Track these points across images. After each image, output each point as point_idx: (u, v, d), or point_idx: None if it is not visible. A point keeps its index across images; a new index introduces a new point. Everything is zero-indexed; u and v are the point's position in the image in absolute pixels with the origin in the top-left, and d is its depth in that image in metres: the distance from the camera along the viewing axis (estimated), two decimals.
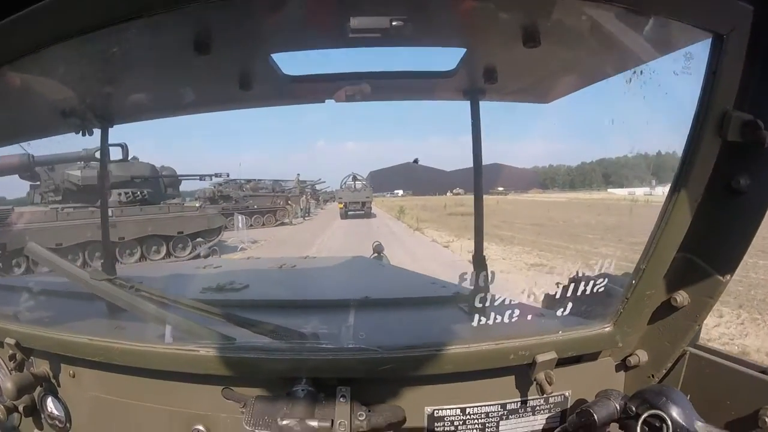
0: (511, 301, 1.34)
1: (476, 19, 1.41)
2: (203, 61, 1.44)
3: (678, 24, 1.11)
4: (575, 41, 1.44)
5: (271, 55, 1.69)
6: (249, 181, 26.54)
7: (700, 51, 1.14)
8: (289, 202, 24.45)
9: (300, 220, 23.72)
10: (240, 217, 19.28)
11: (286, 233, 19.80)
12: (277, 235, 18.95)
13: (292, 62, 1.77)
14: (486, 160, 2.15)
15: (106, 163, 2.15)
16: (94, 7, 1.00)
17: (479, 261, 2.13)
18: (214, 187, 23.18)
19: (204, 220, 17.00)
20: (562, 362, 1.32)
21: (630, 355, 1.41)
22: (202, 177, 18.06)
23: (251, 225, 22.27)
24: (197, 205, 18.39)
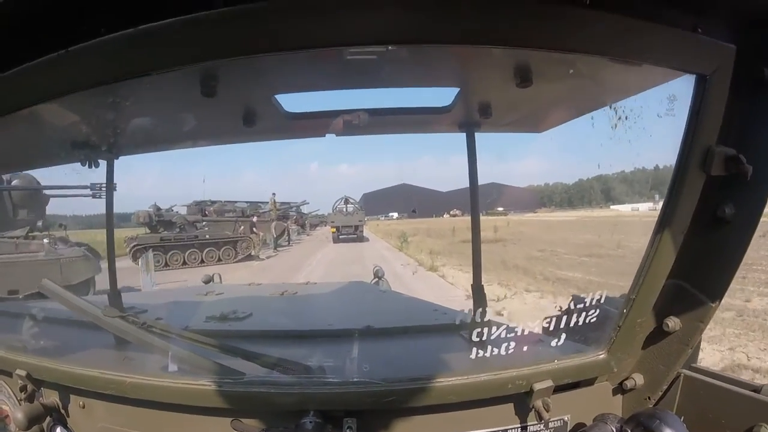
0: (509, 331, 1.41)
1: (468, 63, 1.54)
2: (209, 102, 1.53)
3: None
4: (566, 80, 1.53)
5: (274, 96, 1.81)
6: (214, 202, 20.96)
7: (683, 86, 1.23)
8: (255, 229, 19.30)
9: (271, 251, 19.07)
10: (148, 256, 12.98)
11: (238, 278, 13.13)
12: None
13: (293, 100, 1.90)
14: (481, 180, 2.26)
15: (112, 195, 2.24)
16: (104, 63, 1.10)
17: (478, 291, 2.22)
18: (153, 210, 18.55)
19: (55, 268, 10.32)
20: (560, 388, 1.40)
21: (626, 379, 1.49)
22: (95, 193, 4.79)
23: (202, 261, 17.86)
24: (45, 242, 11.15)
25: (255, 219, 20.01)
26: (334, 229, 20.03)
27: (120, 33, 1.04)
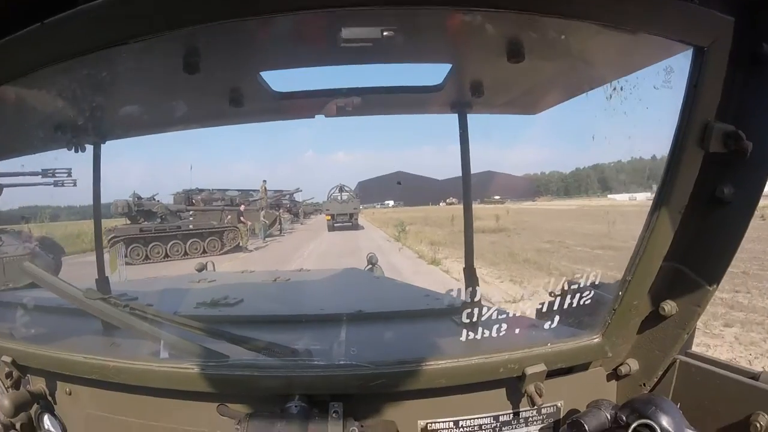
0: (501, 314, 1.39)
1: (460, 36, 1.48)
2: (193, 79, 1.49)
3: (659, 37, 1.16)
4: (560, 55, 1.51)
5: (260, 73, 1.76)
6: (201, 191, 18.94)
7: (680, 62, 1.19)
8: (242, 219, 17.52)
9: (261, 242, 17.52)
10: (117, 250, 10.93)
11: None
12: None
13: (282, 79, 1.85)
14: (477, 168, 2.23)
15: (99, 180, 2.19)
16: (82, 33, 1.06)
17: (470, 273, 2.20)
18: (133, 199, 17.29)
19: None
20: (554, 373, 1.38)
21: (621, 365, 1.47)
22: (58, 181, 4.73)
23: (186, 253, 16.51)
24: None
25: (242, 208, 18.44)
26: (329, 217, 19.89)
27: (97, 1, 1.00)
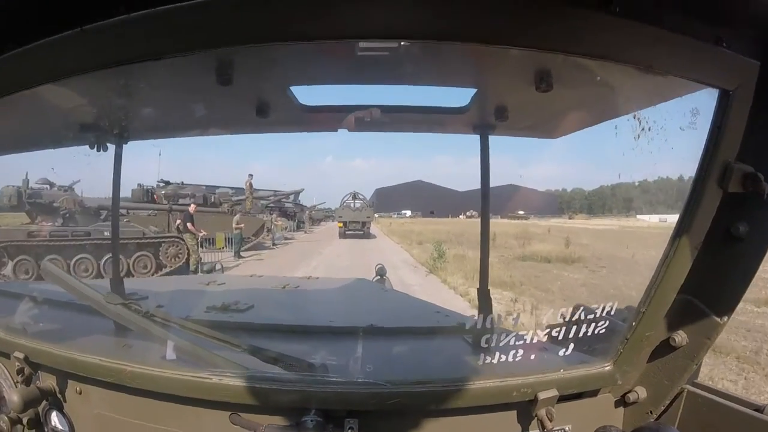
0: (515, 338, 1.44)
1: (487, 63, 1.56)
2: (224, 89, 1.56)
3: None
4: (586, 85, 1.57)
5: (290, 87, 1.85)
6: (166, 184, 15.40)
7: (704, 100, 1.24)
8: (190, 226, 13.37)
9: (233, 259, 13.67)
10: None
11: None
12: None
13: (308, 93, 1.94)
14: (498, 182, 2.27)
15: (119, 181, 2.27)
16: (119, 43, 1.12)
17: (484, 296, 2.24)
18: (25, 186, 13.29)
19: None
20: (562, 397, 1.44)
21: (629, 392, 1.53)
22: None
23: (99, 274, 12.48)
24: None
25: (193, 209, 13.67)
26: (342, 224, 19.81)
27: (137, 13, 1.05)
